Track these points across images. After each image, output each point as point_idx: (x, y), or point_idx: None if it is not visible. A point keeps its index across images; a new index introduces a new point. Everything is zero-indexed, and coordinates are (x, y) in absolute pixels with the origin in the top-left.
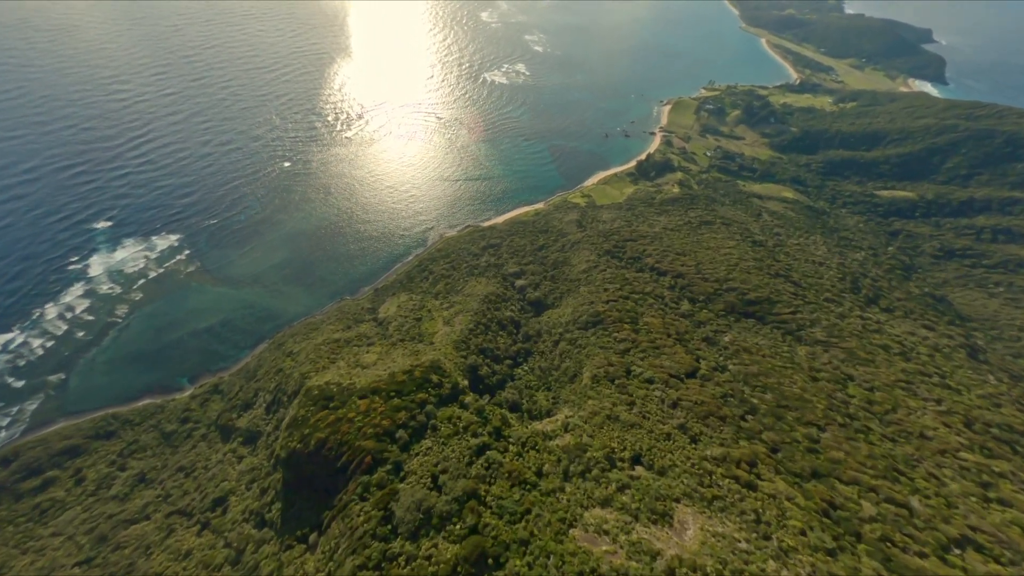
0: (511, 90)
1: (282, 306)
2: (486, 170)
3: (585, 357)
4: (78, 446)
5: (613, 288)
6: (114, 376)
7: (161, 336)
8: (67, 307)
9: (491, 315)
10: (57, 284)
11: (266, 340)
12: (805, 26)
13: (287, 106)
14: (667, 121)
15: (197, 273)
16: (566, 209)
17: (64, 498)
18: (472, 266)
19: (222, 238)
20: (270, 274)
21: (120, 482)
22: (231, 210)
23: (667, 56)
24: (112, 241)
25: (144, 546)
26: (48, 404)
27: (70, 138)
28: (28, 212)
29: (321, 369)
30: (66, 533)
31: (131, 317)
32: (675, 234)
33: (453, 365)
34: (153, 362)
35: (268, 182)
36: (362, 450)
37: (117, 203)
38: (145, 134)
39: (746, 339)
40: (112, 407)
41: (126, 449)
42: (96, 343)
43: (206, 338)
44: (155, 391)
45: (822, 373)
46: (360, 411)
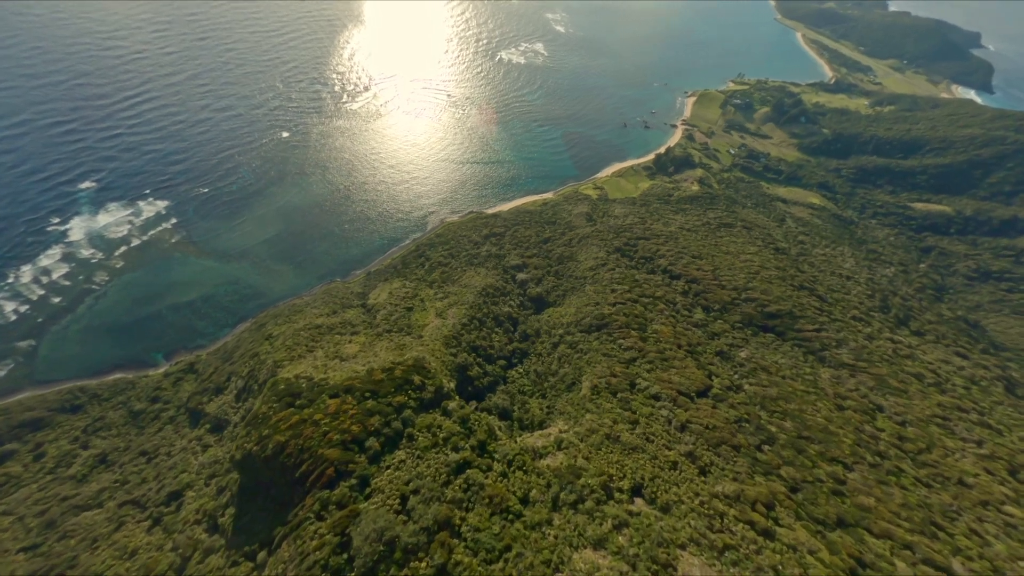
0: (528, 71)
1: (268, 284)
2: (495, 154)
3: (586, 364)
4: (41, 419)
5: (621, 289)
6: (87, 347)
7: (139, 308)
8: (44, 271)
9: (487, 310)
10: (35, 246)
11: (249, 319)
12: (845, 22)
13: (292, 73)
14: (690, 114)
15: (182, 243)
16: (576, 201)
17: (21, 474)
18: (472, 255)
19: (212, 208)
20: (259, 250)
21: (80, 461)
22: (224, 180)
23: (696, 45)
24: (96, 204)
25: (91, 538)
26: (16, 372)
27: (61, 94)
28: (12, 168)
29: (296, 358)
30: (17, 513)
31: (109, 285)
32: (692, 235)
33: (440, 364)
34: (128, 335)
35: (264, 152)
36: (325, 460)
37: (105, 165)
38: (140, 94)
39: (764, 356)
40: (81, 379)
41: (91, 426)
42: (70, 310)
43: (186, 313)
44: (128, 366)
45: (849, 401)
46: (328, 412)
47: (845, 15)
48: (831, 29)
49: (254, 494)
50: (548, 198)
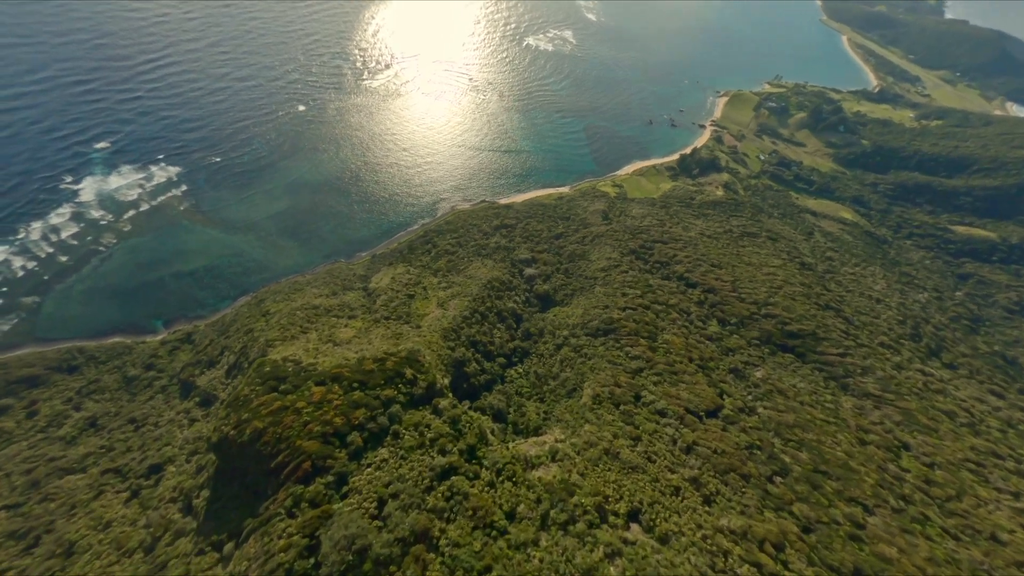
0: (555, 59)
1: (272, 259)
2: (513, 143)
3: (589, 370)
4: (38, 376)
5: (633, 294)
6: (89, 307)
7: (143, 273)
8: (53, 228)
9: (491, 304)
10: (47, 203)
11: (249, 293)
12: (896, 27)
13: (314, 46)
14: (721, 114)
15: (191, 211)
16: (593, 197)
17: (13, 430)
18: (480, 246)
19: (223, 179)
20: (266, 223)
21: (71, 423)
22: (236, 150)
23: (733, 42)
24: (109, 166)
25: (71, 504)
26: (19, 327)
27: (84, 52)
28: (33, 124)
29: (289, 338)
30: (4, 469)
31: (115, 248)
32: (712, 242)
33: (436, 358)
34: (130, 299)
35: (279, 125)
36: (302, 452)
37: (121, 128)
38: (161, 58)
39: (782, 378)
40: (81, 340)
41: (85, 388)
42: (76, 270)
43: (188, 282)
44: (127, 330)
45: (872, 436)
46: (312, 401)
47: (896, 20)
48: (880, 34)
49: (230, 479)
50: (564, 192)
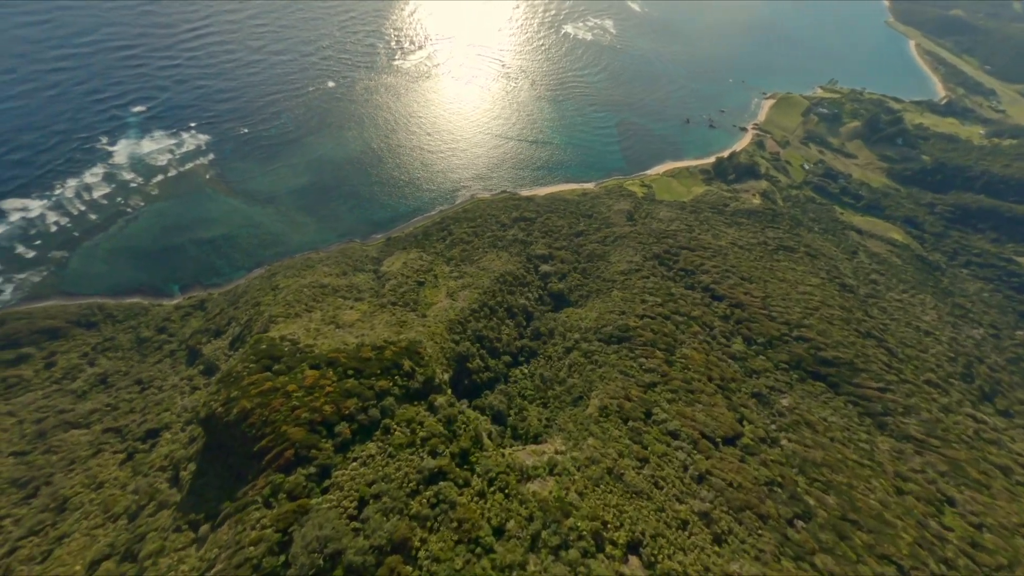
0: (592, 49)
1: (289, 234)
2: (541, 134)
3: (598, 379)
4: (59, 329)
5: (653, 301)
6: (112, 266)
7: (165, 237)
8: (86, 187)
9: (502, 298)
10: (83, 163)
11: (264, 266)
12: (972, 33)
13: (350, 22)
14: (765, 118)
15: (215, 180)
16: (618, 196)
17: (31, 379)
18: (496, 237)
19: (249, 150)
20: (286, 198)
21: (84, 378)
22: (265, 123)
23: (786, 42)
24: (143, 130)
25: (71, 459)
26: (47, 279)
27: (132, 19)
28: (78, 84)
29: (292, 316)
30: (19, 416)
31: (141, 210)
32: (744, 254)
33: (438, 350)
34: (151, 261)
35: (308, 101)
36: (286, 439)
37: (159, 94)
38: (202, 27)
39: (811, 409)
40: (102, 297)
41: (101, 344)
42: (104, 229)
43: (207, 249)
44: (145, 291)
45: (912, 485)
46: (304, 384)
47: (975, 26)
48: (954, 40)
49: (215, 456)
50: (588, 189)
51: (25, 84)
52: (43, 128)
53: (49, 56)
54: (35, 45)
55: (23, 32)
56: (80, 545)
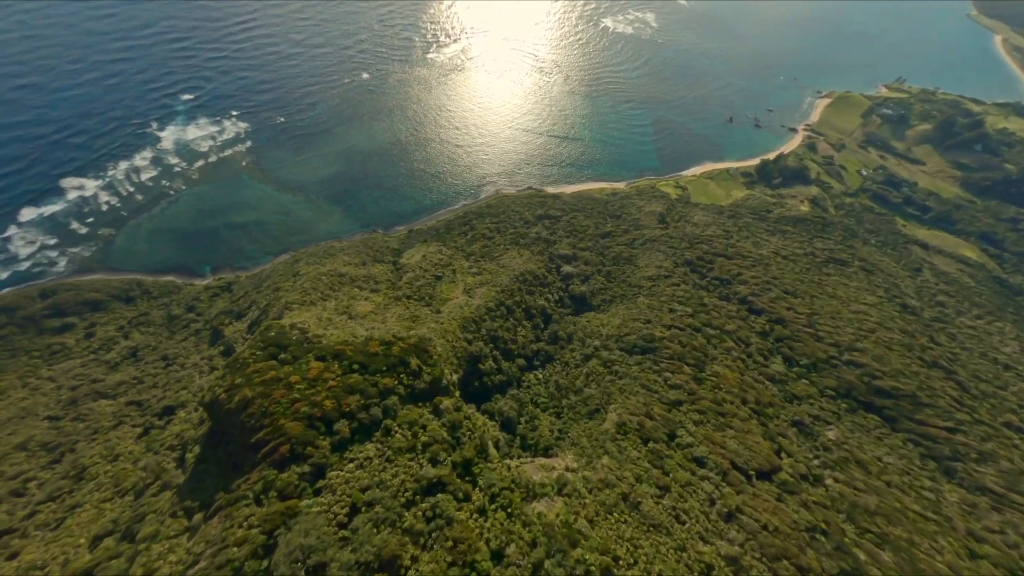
0: (632, 43)
1: (315, 221)
2: (572, 130)
3: (618, 391)
4: (100, 301)
5: (682, 311)
6: (152, 245)
7: (202, 219)
8: (135, 169)
9: (520, 298)
10: (134, 147)
11: (289, 252)
12: None
13: (388, 16)
14: (819, 118)
15: (251, 167)
16: (650, 197)
17: (72, 347)
18: (519, 234)
19: (284, 139)
20: (315, 186)
21: (118, 350)
22: (301, 113)
23: (848, 37)
24: (189, 117)
25: (95, 428)
26: (95, 254)
27: (187, 12)
28: (136, 74)
29: (307, 304)
30: (58, 381)
31: (182, 193)
32: (789, 265)
33: (449, 349)
34: (187, 242)
35: (343, 92)
36: (283, 433)
37: (205, 84)
38: (248, 21)
39: (862, 445)
40: (141, 274)
41: (136, 319)
42: (147, 209)
43: (238, 233)
44: (180, 271)
45: (987, 547)
46: (307, 376)
47: None
48: None
49: (217, 442)
50: (618, 188)
51: (90, 73)
52: (102, 114)
53: (112, 47)
54: (101, 37)
55: (92, 25)
56: (89, 517)
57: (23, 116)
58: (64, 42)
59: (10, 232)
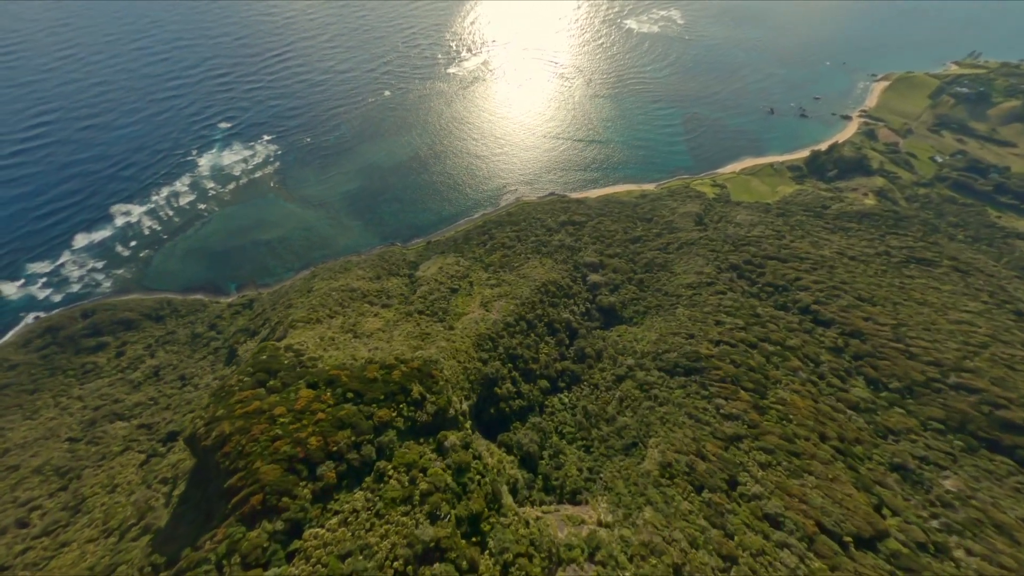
0: (658, 42)
1: (336, 236)
2: (595, 132)
3: (659, 421)
4: (133, 320)
5: (732, 324)
6: (185, 264)
7: (231, 238)
8: (175, 194)
9: (542, 311)
10: (175, 174)
11: (311, 266)
12: None
13: (410, 37)
14: (876, 103)
15: (278, 186)
16: (685, 197)
17: (104, 366)
18: (541, 242)
19: (309, 159)
20: (337, 202)
21: (143, 369)
22: (326, 134)
23: (902, 13)
24: (225, 143)
25: (103, 453)
26: (134, 275)
27: (229, 51)
28: (182, 109)
29: (312, 322)
30: (86, 401)
31: (214, 215)
32: (859, 267)
33: (460, 371)
34: (216, 260)
35: (365, 111)
36: (256, 480)
37: (241, 113)
38: (283, 53)
39: (996, 499)
40: (172, 293)
41: (163, 337)
42: (183, 231)
43: (263, 250)
44: (208, 289)
45: None
46: (295, 408)
47: None
48: None
49: (200, 480)
50: (648, 190)
51: (145, 111)
52: (152, 147)
53: (165, 87)
54: (156, 79)
55: (149, 69)
56: (71, 559)
57: (86, 153)
58: (125, 85)
59: (64, 258)
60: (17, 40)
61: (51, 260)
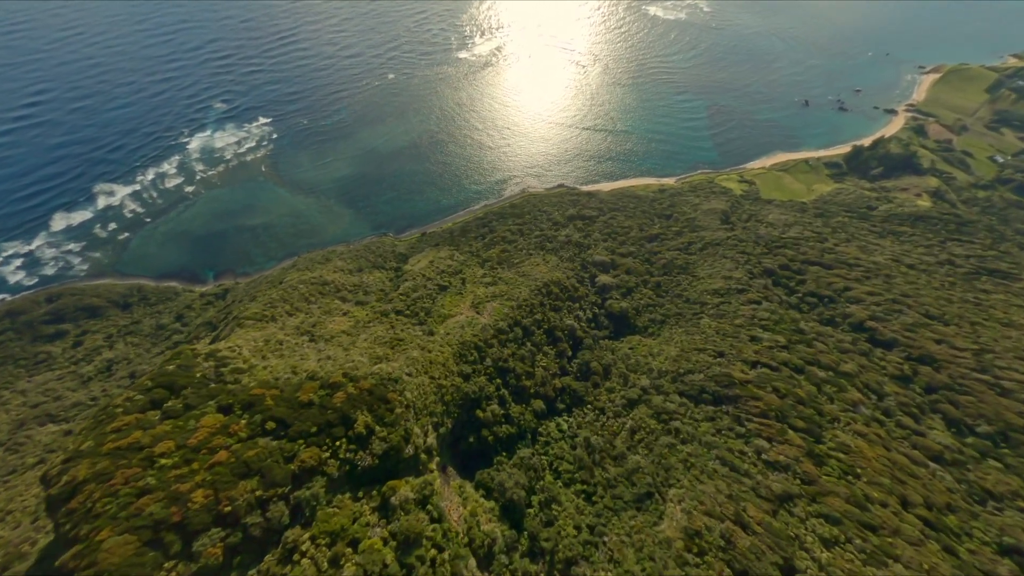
0: (682, 30)
1: (325, 224)
2: (612, 121)
3: (682, 465)
4: (99, 307)
5: (770, 341)
6: (163, 249)
7: (215, 222)
8: (162, 176)
9: (542, 315)
10: (164, 156)
11: (296, 256)
12: None
13: (424, 21)
14: (924, 97)
15: (269, 170)
16: (708, 193)
17: (57, 357)
18: (545, 237)
19: (306, 143)
20: (329, 188)
21: (97, 362)
22: (324, 118)
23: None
24: (218, 125)
25: (13, 467)
26: (108, 258)
27: (233, 33)
28: (180, 90)
29: (265, 320)
30: (28, 397)
31: (199, 197)
32: (921, 278)
33: (431, 390)
34: (196, 246)
35: (368, 95)
36: (94, 560)
37: (239, 96)
38: (288, 36)
39: None
40: (146, 279)
41: (127, 327)
42: (164, 214)
43: (247, 237)
44: (183, 275)
45: None
46: (188, 443)
47: None
48: None
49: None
50: (667, 184)
51: (141, 93)
52: (143, 130)
53: (166, 68)
54: (156, 60)
55: (149, 51)
56: None
57: (76, 134)
58: (122, 67)
59: (40, 240)
60: (21, 20)
61: (26, 241)
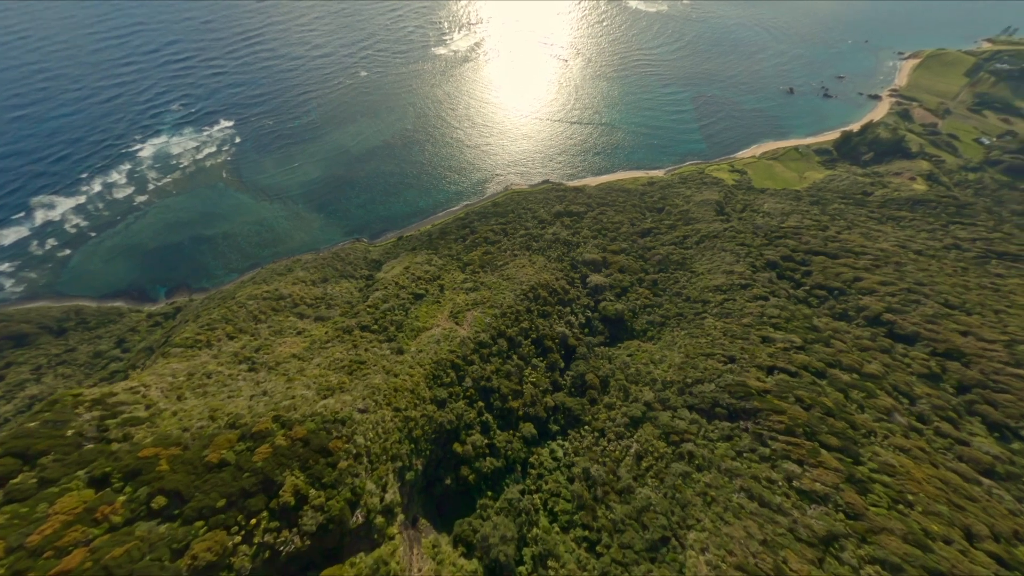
0: (664, 21)
1: (291, 232)
2: (597, 114)
3: (700, 499)
4: (28, 335)
5: (784, 341)
6: (108, 265)
7: (167, 234)
8: (109, 186)
9: (529, 323)
10: (114, 162)
11: (258, 267)
12: None
13: (399, 19)
14: (907, 82)
15: (230, 176)
16: (699, 184)
17: None
18: (532, 236)
19: (270, 147)
20: (297, 193)
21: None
22: (291, 119)
23: None
24: (174, 128)
25: None
26: (44, 278)
27: (194, 34)
28: (135, 95)
29: (199, 346)
30: None
31: (151, 207)
32: (932, 264)
33: (396, 425)
34: (146, 260)
35: (339, 95)
36: None
37: (199, 100)
38: (254, 36)
39: None
40: (87, 299)
41: (57, 357)
42: (111, 226)
43: (205, 248)
44: (131, 294)
45: None
46: (28, 543)
47: None
48: None
49: None
50: (657, 176)
51: (90, 99)
52: (89, 137)
53: (116, 72)
54: (109, 63)
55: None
56: None
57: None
58: (69, 73)
59: None
60: None
61: None
